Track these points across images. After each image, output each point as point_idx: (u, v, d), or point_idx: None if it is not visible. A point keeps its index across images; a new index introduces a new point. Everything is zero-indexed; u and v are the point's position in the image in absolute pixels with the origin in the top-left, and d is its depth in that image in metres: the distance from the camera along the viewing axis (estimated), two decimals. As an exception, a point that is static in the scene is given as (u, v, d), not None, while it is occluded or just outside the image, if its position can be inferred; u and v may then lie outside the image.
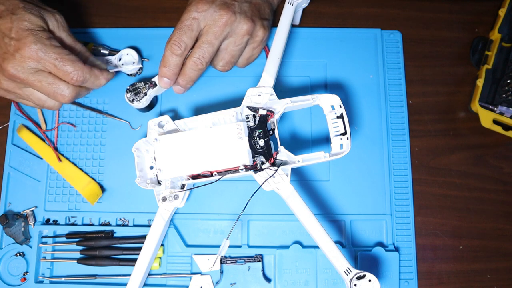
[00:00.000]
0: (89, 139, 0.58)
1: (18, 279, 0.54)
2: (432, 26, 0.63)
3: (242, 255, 0.54)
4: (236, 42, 0.53)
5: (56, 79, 0.49)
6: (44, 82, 0.48)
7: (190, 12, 0.51)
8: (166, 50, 0.51)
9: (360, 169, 0.57)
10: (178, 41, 0.50)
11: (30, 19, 0.48)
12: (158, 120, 0.51)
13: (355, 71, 0.60)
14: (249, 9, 0.52)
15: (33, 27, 0.47)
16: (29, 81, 0.48)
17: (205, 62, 0.52)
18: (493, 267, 0.56)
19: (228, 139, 0.48)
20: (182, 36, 0.50)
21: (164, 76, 0.52)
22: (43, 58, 0.47)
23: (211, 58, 0.52)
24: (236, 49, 0.53)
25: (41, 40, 0.47)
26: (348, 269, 0.45)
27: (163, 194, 0.49)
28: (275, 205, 0.56)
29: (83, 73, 0.49)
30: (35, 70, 0.48)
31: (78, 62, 0.48)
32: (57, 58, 0.47)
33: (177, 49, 0.51)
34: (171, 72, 0.52)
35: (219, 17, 0.50)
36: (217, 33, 0.51)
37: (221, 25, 0.51)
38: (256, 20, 0.53)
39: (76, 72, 0.48)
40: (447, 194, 0.58)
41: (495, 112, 0.58)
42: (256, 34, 0.53)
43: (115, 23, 0.62)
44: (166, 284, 0.54)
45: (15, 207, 0.56)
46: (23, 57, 0.47)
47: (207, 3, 0.50)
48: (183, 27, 0.51)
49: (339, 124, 0.49)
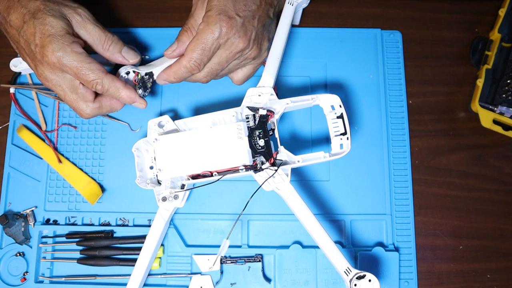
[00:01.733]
0: (89, 139, 0.58)
1: (18, 279, 0.54)
2: (432, 26, 0.63)
3: (242, 255, 0.54)
4: (240, 63, 0.53)
5: (78, 98, 0.49)
6: (68, 97, 0.49)
7: (214, 34, 0.48)
8: (184, 66, 0.50)
9: (360, 169, 0.57)
10: (199, 62, 0.49)
11: (51, 22, 0.47)
12: (158, 120, 0.51)
13: (355, 71, 0.60)
14: (261, 33, 0.52)
15: (55, 31, 0.47)
16: (56, 90, 0.49)
17: (210, 79, 0.53)
18: (493, 267, 0.56)
19: (228, 139, 0.48)
20: (204, 58, 0.49)
21: (168, 81, 0.52)
22: (65, 65, 0.47)
23: (215, 76, 0.53)
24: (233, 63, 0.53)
25: (63, 47, 0.46)
26: (348, 269, 0.45)
27: (163, 194, 0.49)
28: (275, 205, 0.56)
29: (102, 81, 0.48)
30: (61, 78, 0.48)
31: (99, 71, 0.48)
32: (78, 66, 0.47)
33: (195, 69, 0.50)
34: (175, 81, 0.52)
35: (237, 45, 0.49)
36: (229, 57, 0.50)
37: (236, 52, 0.50)
38: (263, 45, 0.53)
39: (96, 81, 0.48)
40: (447, 194, 0.58)
41: (495, 112, 0.58)
42: (260, 56, 0.54)
43: (115, 23, 0.62)
44: (166, 284, 0.54)
45: (15, 207, 0.56)
46: (49, 64, 0.47)
47: (231, 28, 0.48)
48: (207, 49, 0.49)
49: (339, 124, 0.49)
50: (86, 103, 0.50)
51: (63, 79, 0.48)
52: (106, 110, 0.51)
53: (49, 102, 0.59)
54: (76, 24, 0.49)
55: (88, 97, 0.50)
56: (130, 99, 0.50)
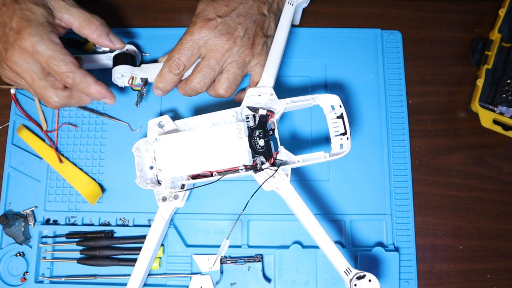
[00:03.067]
0: (89, 139, 0.58)
1: (18, 279, 0.54)
2: (432, 26, 0.63)
3: (242, 255, 0.54)
4: (238, 64, 0.52)
5: (47, 85, 0.48)
6: (36, 83, 0.47)
7: (192, 35, 0.50)
8: (165, 67, 0.51)
9: (360, 169, 0.57)
10: (177, 61, 0.51)
11: (32, 9, 0.46)
12: (158, 120, 0.51)
13: (355, 71, 0.60)
14: (252, 29, 0.52)
15: (35, 17, 0.46)
16: (23, 76, 0.47)
17: (205, 86, 0.52)
18: (493, 267, 0.56)
19: (228, 139, 0.48)
20: (182, 57, 0.51)
21: (159, 89, 0.53)
22: (38, 52, 0.45)
23: (211, 82, 0.52)
24: (239, 71, 0.52)
25: (40, 34, 0.45)
26: (348, 269, 0.45)
27: (163, 194, 0.49)
28: (275, 205, 0.56)
29: (73, 75, 0.47)
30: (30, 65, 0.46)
31: (72, 64, 0.47)
32: (51, 56, 0.46)
33: (175, 69, 0.51)
34: (166, 88, 0.53)
35: (222, 45, 0.50)
36: (218, 58, 0.51)
37: (223, 52, 0.50)
38: (256, 41, 0.52)
39: (67, 74, 0.46)
40: (447, 194, 0.58)
41: (495, 112, 0.58)
42: (257, 53, 0.53)
43: (115, 23, 0.62)
44: (166, 284, 0.54)
45: (15, 207, 0.56)
46: (21, 49, 0.46)
47: (210, 29, 0.50)
48: (183, 49, 0.50)
49: (339, 124, 0.49)
50: (56, 91, 0.48)
51: (33, 64, 0.46)
52: (75, 101, 0.50)
53: (49, 102, 0.59)
54: (60, 9, 0.48)
55: (58, 85, 0.48)
56: (100, 95, 0.49)
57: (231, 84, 0.52)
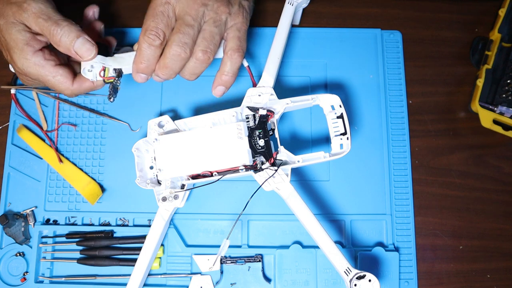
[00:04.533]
0: (89, 139, 0.58)
1: (18, 279, 0.54)
2: (432, 26, 0.63)
3: (242, 255, 0.54)
4: (215, 22, 0.47)
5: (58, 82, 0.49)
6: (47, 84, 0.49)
7: None
8: (143, 42, 0.45)
9: (360, 169, 0.57)
10: (155, 30, 0.45)
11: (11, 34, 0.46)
12: (158, 120, 0.51)
13: (355, 71, 0.60)
14: None
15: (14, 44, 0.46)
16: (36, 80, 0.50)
17: (188, 49, 0.46)
18: (493, 267, 0.56)
19: (228, 139, 0.48)
20: (159, 24, 0.45)
21: (141, 72, 0.47)
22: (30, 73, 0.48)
23: (193, 42, 0.46)
24: (216, 30, 0.47)
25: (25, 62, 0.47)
26: (348, 269, 0.45)
27: (163, 194, 0.49)
28: (275, 205, 0.56)
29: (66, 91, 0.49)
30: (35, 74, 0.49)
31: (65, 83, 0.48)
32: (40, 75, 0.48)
33: (155, 39, 0.45)
34: (149, 68, 0.47)
35: None
36: (193, 15, 0.46)
37: (197, 7, 0.46)
38: None
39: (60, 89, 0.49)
40: (447, 194, 0.58)
41: (495, 112, 0.58)
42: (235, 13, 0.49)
43: (114, 23, 0.62)
44: (166, 284, 0.54)
45: (15, 207, 0.56)
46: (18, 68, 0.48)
47: None
48: (157, 14, 0.45)
49: (339, 124, 0.49)
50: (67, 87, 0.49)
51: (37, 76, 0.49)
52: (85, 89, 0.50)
53: (49, 102, 0.59)
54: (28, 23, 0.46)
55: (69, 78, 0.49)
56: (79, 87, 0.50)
57: (209, 44, 0.47)
